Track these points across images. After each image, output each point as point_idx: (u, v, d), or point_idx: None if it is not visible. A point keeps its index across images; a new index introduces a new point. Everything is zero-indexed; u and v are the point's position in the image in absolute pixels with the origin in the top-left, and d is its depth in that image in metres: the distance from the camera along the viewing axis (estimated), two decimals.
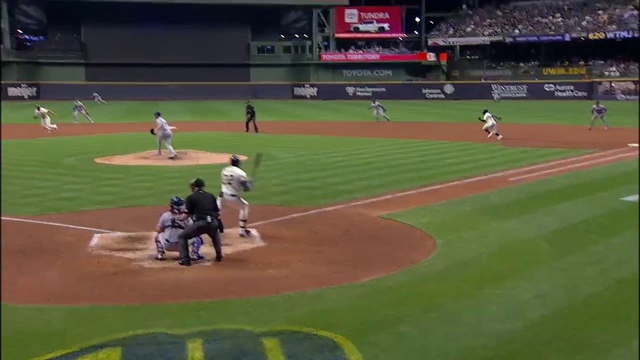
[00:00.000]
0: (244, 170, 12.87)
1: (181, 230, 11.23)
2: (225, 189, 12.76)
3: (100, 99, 65.87)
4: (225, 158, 13.43)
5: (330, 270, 10.69)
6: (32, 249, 11.99)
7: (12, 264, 10.95)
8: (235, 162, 12.91)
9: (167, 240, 11.36)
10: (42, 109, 35.78)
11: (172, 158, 24.50)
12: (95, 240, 12.66)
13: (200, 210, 11.11)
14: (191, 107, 60.22)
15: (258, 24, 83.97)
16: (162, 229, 11.43)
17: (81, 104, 44.57)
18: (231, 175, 12.72)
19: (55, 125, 35.66)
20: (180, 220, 11.36)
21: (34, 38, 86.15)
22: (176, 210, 11.46)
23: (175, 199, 11.60)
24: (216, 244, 11.27)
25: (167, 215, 11.53)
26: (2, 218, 14.27)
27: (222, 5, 79.49)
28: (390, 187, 18.36)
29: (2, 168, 21.59)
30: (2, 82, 73.03)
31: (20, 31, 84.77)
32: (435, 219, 14.28)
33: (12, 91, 73.28)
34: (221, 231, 11.45)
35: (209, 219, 11.06)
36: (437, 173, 21.06)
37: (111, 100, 68.89)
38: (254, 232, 13.16)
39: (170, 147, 25.06)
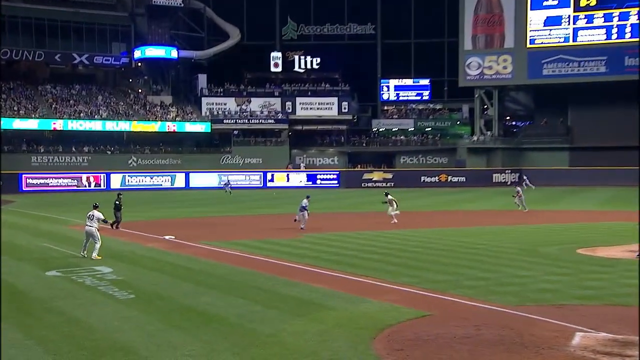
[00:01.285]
0: None
1: None
2: None
3: (528, 182, 66.74)
4: None
5: None
6: (512, 341, 12.15)
7: (491, 356, 11.23)
8: None
9: None
10: (390, 197, 36.47)
11: None
12: (577, 339, 12.17)
13: None
14: None
15: None
16: None
17: (519, 189, 43.74)
18: None
19: (396, 213, 35.56)
20: None
21: (519, 124, 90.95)
22: None
23: None
24: None
25: None
26: (483, 306, 15.00)
27: None
28: None
29: (483, 254, 22.94)
30: (489, 167, 78.90)
31: (508, 117, 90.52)
32: None
33: (496, 177, 78.18)
34: None
35: None
36: None
37: (593, 186, 67.60)
38: None
39: None
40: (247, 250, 24.78)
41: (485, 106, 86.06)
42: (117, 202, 33.04)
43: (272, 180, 76.80)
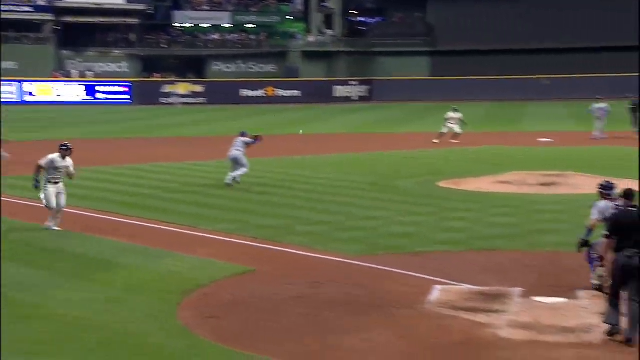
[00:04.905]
0: None
1: None
2: None
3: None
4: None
5: None
6: (359, 300, 12.86)
7: (334, 320, 11.86)
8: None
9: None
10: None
11: None
12: (436, 293, 13.11)
13: (623, 237, 10.84)
14: (573, 110, 59.36)
15: None
16: (602, 220, 12.05)
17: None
18: None
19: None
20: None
21: (369, 20, 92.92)
22: (609, 197, 12.50)
23: (605, 183, 13.03)
24: (633, 306, 10.73)
25: (602, 205, 12.52)
26: (322, 257, 15.80)
27: None
28: None
29: (323, 191, 23.81)
30: (330, 78, 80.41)
31: (354, 12, 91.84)
32: None
33: (338, 90, 79.91)
34: None
35: (628, 252, 10.74)
36: None
37: (463, 101, 71.33)
38: None
39: None
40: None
41: None
42: None
43: (32, 93, 73.74)
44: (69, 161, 18.35)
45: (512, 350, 10.52)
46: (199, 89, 77.23)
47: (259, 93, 77.50)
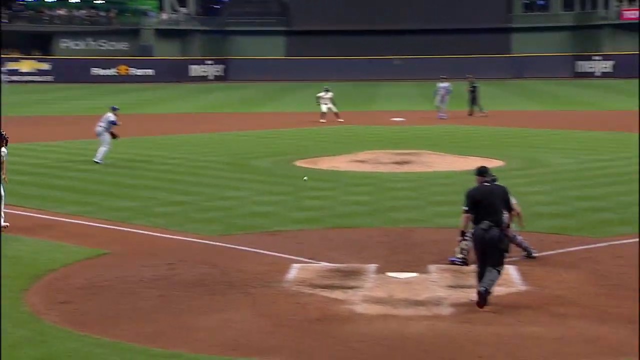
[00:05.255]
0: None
1: None
2: None
3: None
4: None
5: (627, 334, 10.21)
6: (215, 280, 12.85)
7: (190, 300, 11.82)
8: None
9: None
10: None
11: None
12: (294, 272, 13.26)
13: (480, 211, 11.37)
14: (423, 89, 60.96)
15: None
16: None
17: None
18: None
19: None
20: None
21: None
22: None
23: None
24: (492, 272, 11.22)
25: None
26: (179, 238, 15.69)
27: None
28: None
29: (179, 171, 23.80)
30: (185, 57, 79.65)
31: None
32: None
33: (194, 69, 79.33)
34: (505, 251, 11.48)
35: (484, 224, 11.27)
36: None
37: (318, 81, 71.99)
38: (511, 269, 13.03)
39: None
40: None
41: None
42: None
43: None
44: (3, 152, 16.18)
45: (367, 325, 10.75)
46: (45, 66, 75.16)
47: (111, 72, 76.17)
